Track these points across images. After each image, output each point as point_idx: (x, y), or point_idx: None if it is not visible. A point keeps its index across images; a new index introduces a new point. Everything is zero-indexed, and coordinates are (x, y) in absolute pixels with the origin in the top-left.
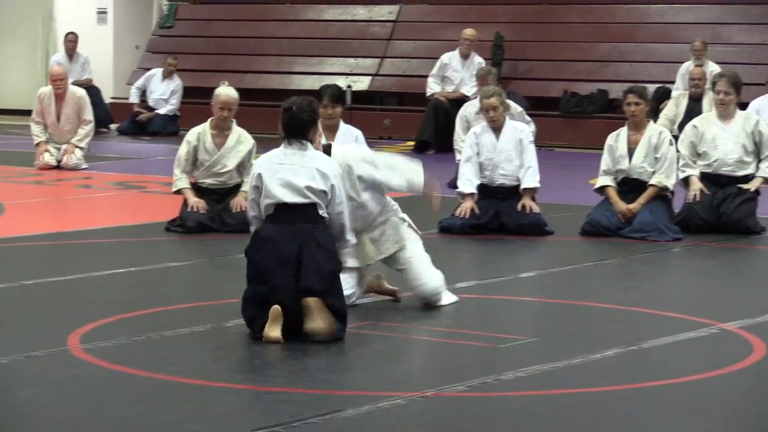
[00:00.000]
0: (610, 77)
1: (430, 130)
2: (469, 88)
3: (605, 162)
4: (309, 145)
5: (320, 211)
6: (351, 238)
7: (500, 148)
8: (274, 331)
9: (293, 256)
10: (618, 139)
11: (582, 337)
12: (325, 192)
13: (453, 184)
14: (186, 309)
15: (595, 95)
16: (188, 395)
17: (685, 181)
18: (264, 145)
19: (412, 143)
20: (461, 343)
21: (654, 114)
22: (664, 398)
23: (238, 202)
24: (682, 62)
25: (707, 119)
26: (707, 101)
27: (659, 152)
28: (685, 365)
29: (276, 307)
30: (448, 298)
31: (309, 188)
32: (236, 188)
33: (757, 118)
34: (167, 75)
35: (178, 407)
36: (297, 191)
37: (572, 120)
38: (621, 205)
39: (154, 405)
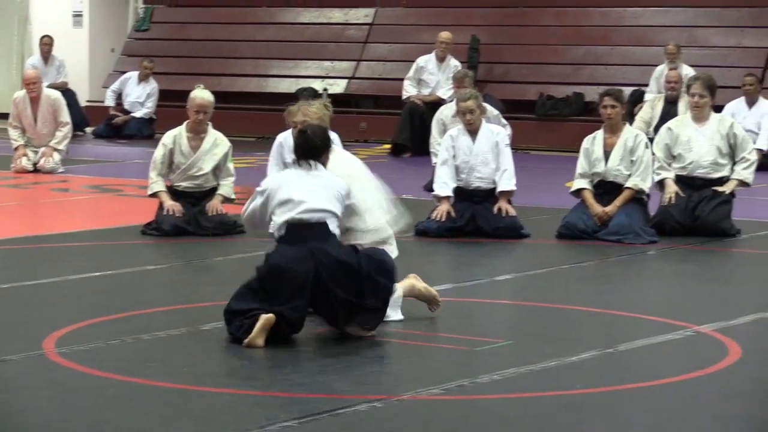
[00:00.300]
0: (586, 80)
1: (406, 133)
2: (445, 91)
3: (581, 165)
4: (321, 166)
5: (331, 227)
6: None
7: (476, 151)
8: (260, 339)
9: (309, 277)
10: (594, 142)
11: (558, 339)
12: (335, 213)
13: (429, 187)
14: (162, 312)
15: (570, 98)
16: (164, 399)
17: (660, 184)
18: (240, 148)
19: (388, 146)
20: (437, 346)
21: (629, 117)
22: (640, 401)
23: (214, 205)
24: (657, 65)
25: (682, 121)
26: (683, 104)
27: (635, 155)
28: (661, 368)
29: (270, 316)
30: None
31: (324, 209)
32: (212, 191)
33: (732, 120)
34: (143, 78)
35: (153, 411)
36: (312, 210)
37: (548, 123)
38: (597, 208)
39: (129, 409)
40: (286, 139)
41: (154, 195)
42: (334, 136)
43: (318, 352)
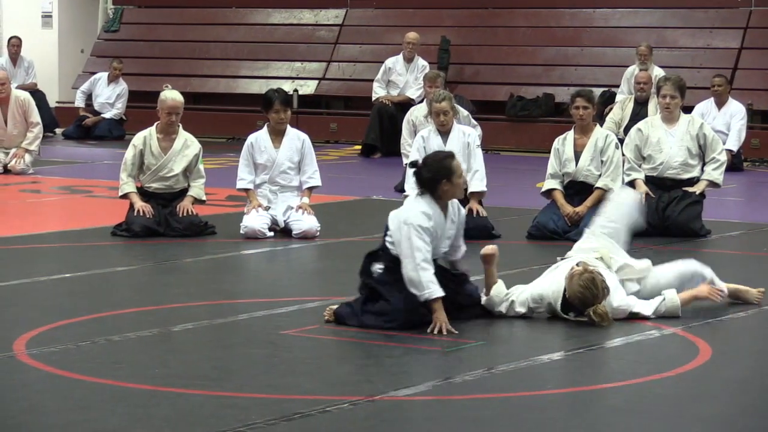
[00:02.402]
0: (556, 81)
1: (375, 133)
2: (413, 92)
3: (552, 165)
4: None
5: None
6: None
7: None
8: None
9: None
10: (564, 142)
11: (529, 339)
12: None
13: (400, 188)
14: (132, 314)
15: (540, 99)
16: (135, 400)
17: (631, 185)
18: (210, 149)
19: (358, 147)
20: (409, 346)
21: (599, 118)
22: (611, 401)
23: (185, 206)
24: (627, 66)
25: (652, 122)
26: (653, 105)
27: (605, 155)
28: (632, 368)
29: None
30: None
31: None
32: (183, 192)
33: (702, 121)
34: (113, 79)
35: (124, 412)
36: None
37: (518, 123)
38: (567, 208)
39: (100, 410)
40: (256, 140)
41: (125, 196)
42: (304, 136)
43: (289, 353)
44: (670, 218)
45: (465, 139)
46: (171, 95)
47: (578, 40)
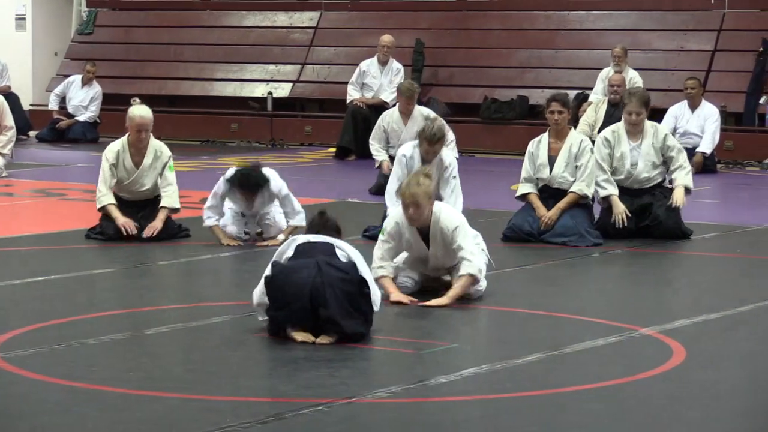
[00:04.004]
0: (530, 83)
1: (349, 135)
2: (388, 95)
3: (525, 169)
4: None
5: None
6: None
7: None
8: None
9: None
10: (539, 146)
11: (504, 342)
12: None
13: (375, 191)
14: (106, 317)
15: (515, 101)
16: (109, 403)
17: (605, 199)
18: (182, 151)
19: (333, 150)
20: (384, 349)
21: (574, 120)
22: (586, 403)
23: (154, 227)
24: (602, 68)
25: (618, 134)
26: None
27: (580, 161)
28: (606, 370)
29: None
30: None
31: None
32: (157, 198)
33: (666, 132)
34: (86, 82)
35: (98, 415)
36: None
37: (493, 126)
38: (543, 210)
39: (74, 413)
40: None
41: (103, 209)
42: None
43: (264, 356)
44: (658, 221)
45: (443, 167)
46: (139, 112)
47: (553, 42)
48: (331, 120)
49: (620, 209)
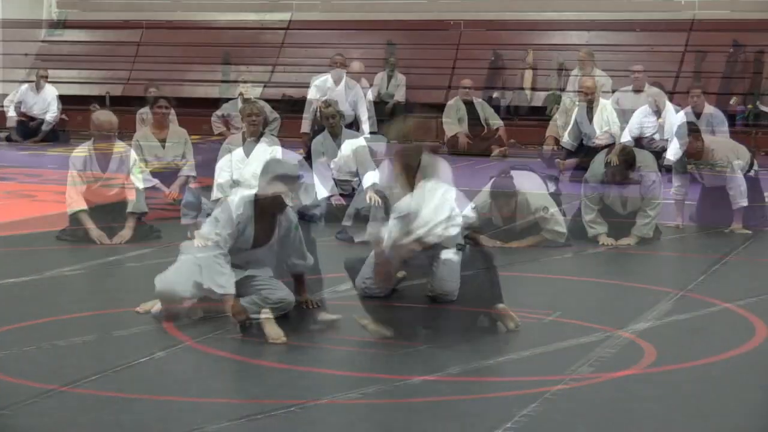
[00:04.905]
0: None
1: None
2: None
3: None
4: None
5: None
6: None
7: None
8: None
9: None
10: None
11: (476, 343)
12: None
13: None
14: (78, 318)
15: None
16: (79, 405)
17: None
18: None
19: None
20: (354, 350)
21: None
22: (559, 403)
23: (122, 236)
24: (571, 71)
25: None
26: (598, 110)
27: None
28: (579, 370)
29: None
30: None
31: None
32: (124, 202)
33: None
34: (39, 87)
35: (68, 418)
36: None
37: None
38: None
39: (45, 416)
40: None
41: (74, 215)
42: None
43: (236, 357)
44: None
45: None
46: (105, 117)
47: (524, 44)
48: (301, 121)
49: (608, 243)
